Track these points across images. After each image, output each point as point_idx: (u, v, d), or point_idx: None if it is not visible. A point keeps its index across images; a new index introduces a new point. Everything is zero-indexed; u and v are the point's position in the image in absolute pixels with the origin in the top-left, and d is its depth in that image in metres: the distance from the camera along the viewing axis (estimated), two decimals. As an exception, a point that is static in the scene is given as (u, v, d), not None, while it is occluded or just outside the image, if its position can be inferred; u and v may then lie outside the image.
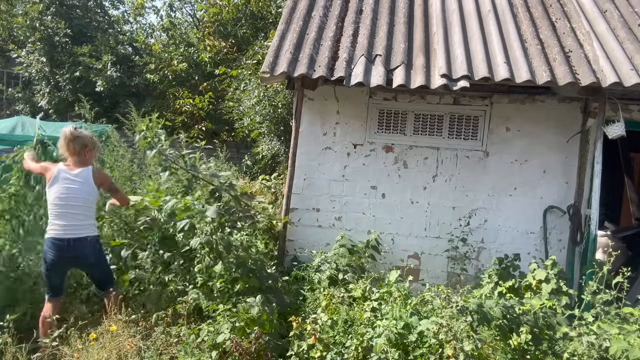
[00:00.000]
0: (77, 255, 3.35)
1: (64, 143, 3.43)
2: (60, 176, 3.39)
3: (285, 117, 7.73)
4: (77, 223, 3.36)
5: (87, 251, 3.37)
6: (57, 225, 3.34)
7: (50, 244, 3.32)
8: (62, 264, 3.39)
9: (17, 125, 6.85)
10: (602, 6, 4.84)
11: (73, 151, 3.44)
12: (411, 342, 2.84)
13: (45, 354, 3.11)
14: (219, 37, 11.31)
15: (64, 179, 3.38)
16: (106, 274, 3.56)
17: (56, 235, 3.32)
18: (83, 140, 3.45)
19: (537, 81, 4.10)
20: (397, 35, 4.80)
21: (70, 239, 3.30)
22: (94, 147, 3.54)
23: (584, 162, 4.75)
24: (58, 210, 3.35)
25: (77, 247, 3.32)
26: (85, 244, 3.35)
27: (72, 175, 3.40)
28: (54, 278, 3.42)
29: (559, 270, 3.58)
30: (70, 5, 13.05)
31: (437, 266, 4.92)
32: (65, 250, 3.30)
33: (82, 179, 3.40)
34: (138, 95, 11.75)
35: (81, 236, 3.34)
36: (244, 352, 2.87)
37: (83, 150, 3.45)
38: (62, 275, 3.49)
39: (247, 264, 3.42)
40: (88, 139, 3.49)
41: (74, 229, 3.33)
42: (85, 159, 3.48)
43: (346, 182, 5.08)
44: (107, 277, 3.55)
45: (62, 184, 3.37)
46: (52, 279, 3.42)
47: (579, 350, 2.74)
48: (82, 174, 3.41)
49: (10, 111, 12.95)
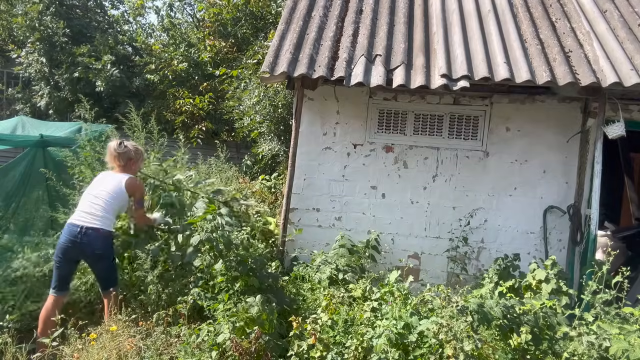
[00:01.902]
0: (87, 243, 3.42)
1: (110, 158, 3.70)
2: (103, 174, 3.74)
3: (285, 117, 7.73)
4: (96, 213, 3.48)
5: (97, 241, 3.45)
6: (79, 212, 3.52)
7: (66, 229, 3.47)
8: (71, 250, 3.45)
9: (18, 126, 6.86)
10: (602, 6, 4.84)
11: (119, 164, 3.69)
12: (411, 342, 2.84)
13: (45, 354, 3.10)
14: (219, 37, 11.31)
15: (106, 176, 3.69)
16: (110, 273, 3.59)
17: (72, 221, 3.47)
18: (127, 154, 3.68)
19: (537, 81, 4.10)
20: (397, 35, 4.80)
21: (84, 226, 3.42)
22: (138, 158, 3.79)
23: (584, 162, 4.75)
24: (87, 199, 3.56)
25: (89, 235, 3.42)
26: (98, 233, 3.44)
27: (111, 175, 3.67)
28: (63, 268, 3.48)
29: (559, 270, 3.58)
30: (70, 5, 13.04)
31: (437, 266, 4.92)
32: (77, 235, 3.40)
33: (116, 181, 3.62)
34: (138, 95, 11.74)
35: (95, 226, 3.45)
36: (244, 352, 2.86)
37: (128, 163, 3.70)
38: (71, 265, 3.55)
39: (247, 262, 3.42)
40: (132, 152, 3.71)
41: (91, 218, 3.46)
42: (130, 169, 3.72)
43: (346, 182, 5.08)
44: (110, 277, 3.58)
45: (100, 179, 3.67)
46: (61, 269, 3.47)
47: (579, 350, 2.73)
48: (119, 177, 3.64)
49: (10, 111, 12.94)
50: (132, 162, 3.71)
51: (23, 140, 5.73)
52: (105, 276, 3.56)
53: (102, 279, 3.57)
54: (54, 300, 3.44)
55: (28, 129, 6.71)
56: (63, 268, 3.49)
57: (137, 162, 3.79)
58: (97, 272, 3.60)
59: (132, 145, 3.77)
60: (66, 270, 3.51)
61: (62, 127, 6.96)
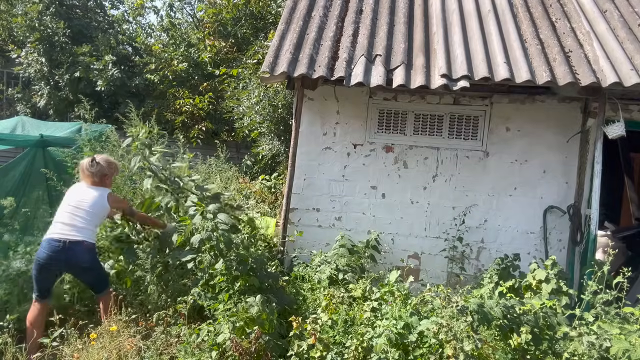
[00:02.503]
0: (71, 257, 3.33)
1: (83, 175, 3.62)
2: (77, 186, 3.63)
3: (285, 117, 7.73)
4: (77, 225, 3.38)
5: (81, 255, 3.35)
6: (59, 225, 3.39)
7: (46, 244, 3.33)
8: (53, 266, 3.36)
9: (18, 126, 6.85)
10: (602, 6, 4.84)
11: (93, 181, 3.60)
12: (411, 342, 2.84)
13: (45, 354, 3.10)
14: (219, 37, 11.31)
15: (82, 189, 3.57)
16: (100, 279, 3.54)
17: (54, 236, 3.34)
18: (101, 170, 3.61)
19: (537, 81, 4.10)
20: (397, 35, 4.80)
21: (67, 241, 3.31)
22: (112, 173, 3.74)
23: (584, 162, 4.75)
24: (66, 211, 3.45)
25: (72, 249, 3.31)
26: (81, 247, 3.34)
27: (86, 187, 3.57)
28: (42, 280, 3.39)
29: (559, 270, 3.58)
30: (70, 5, 13.03)
31: (437, 266, 4.92)
32: (60, 251, 3.29)
33: (96, 192, 3.54)
34: (138, 95, 11.73)
35: (78, 239, 3.34)
36: (244, 352, 2.86)
37: (103, 179, 3.64)
38: (51, 278, 3.46)
39: (248, 262, 3.42)
40: (105, 168, 3.64)
41: (73, 231, 3.35)
42: (105, 184, 3.66)
43: (346, 182, 5.08)
44: (101, 282, 3.53)
45: (79, 191, 3.55)
46: (40, 281, 3.38)
47: (579, 350, 2.73)
48: (98, 190, 3.56)
49: (10, 111, 12.94)
50: (106, 178, 3.65)
51: (23, 140, 5.73)
52: (96, 283, 3.52)
53: (93, 286, 3.53)
54: (40, 306, 3.38)
55: (28, 129, 6.71)
56: (43, 281, 3.40)
57: (111, 177, 3.74)
58: (86, 281, 3.56)
59: (104, 160, 3.68)
60: (47, 282, 3.43)
61: (62, 127, 6.96)
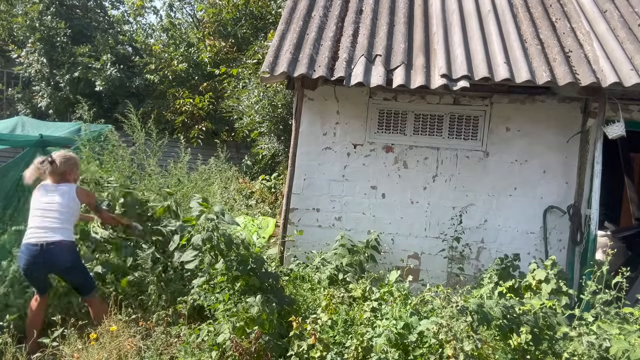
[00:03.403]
0: (50, 259, 3.30)
1: (43, 175, 3.49)
2: (42, 188, 3.51)
3: (285, 117, 7.74)
4: (52, 226, 3.35)
5: (61, 255, 3.34)
6: (33, 229, 3.36)
7: (24, 249, 3.32)
8: (35, 270, 3.35)
9: (17, 126, 6.84)
10: (602, 6, 4.84)
11: (55, 180, 3.51)
12: (411, 342, 2.84)
13: (45, 354, 3.11)
14: (219, 37, 11.31)
15: (46, 189, 3.49)
16: (86, 279, 3.51)
17: (30, 240, 3.31)
18: (60, 168, 3.49)
19: (537, 81, 4.10)
20: (397, 36, 4.80)
21: (44, 243, 3.28)
22: (72, 168, 3.59)
23: (584, 162, 4.75)
24: (37, 214, 3.40)
25: (51, 251, 3.29)
26: (60, 247, 3.32)
27: (53, 186, 3.49)
28: (33, 281, 3.45)
29: (559, 270, 3.58)
30: (70, 5, 13.04)
31: (437, 266, 4.92)
32: (39, 254, 3.27)
33: (63, 189, 3.47)
34: (138, 95, 11.74)
35: (55, 240, 3.31)
36: (244, 352, 2.87)
37: (64, 175, 3.53)
38: (40, 278, 3.46)
39: (248, 262, 3.42)
40: (63, 165, 3.51)
41: (48, 232, 3.32)
42: (68, 180, 3.55)
43: (346, 182, 5.08)
44: (87, 283, 3.50)
45: (42, 193, 3.47)
46: (32, 282, 3.46)
47: (579, 350, 2.73)
48: (63, 186, 3.49)
49: (10, 111, 12.94)
50: (67, 174, 3.54)
51: (23, 140, 5.73)
52: (81, 283, 3.49)
53: (79, 287, 3.51)
54: (40, 300, 3.43)
55: (28, 129, 6.70)
56: (34, 282, 3.44)
57: (73, 171, 3.60)
58: (71, 282, 3.52)
59: (61, 156, 3.55)
60: (37, 282, 3.44)
61: (62, 127, 6.96)
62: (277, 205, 7.08)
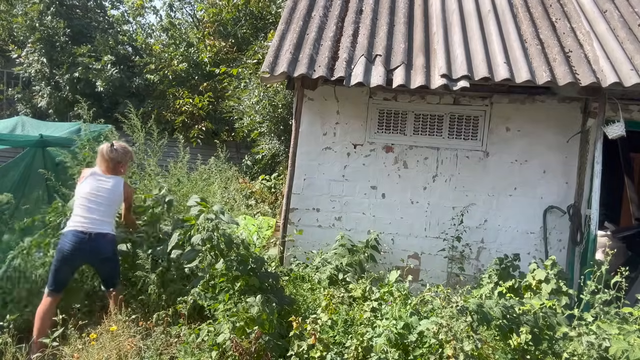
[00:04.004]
0: (95, 248, 3.46)
1: (100, 160, 3.68)
2: (91, 176, 3.63)
3: (285, 117, 7.74)
4: (100, 218, 3.51)
5: (105, 246, 3.51)
6: (80, 217, 3.49)
7: (70, 236, 3.43)
8: (78, 257, 3.48)
9: (17, 125, 6.84)
10: (602, 6, 4.84)
11: (107, 168, 3.67)
12: (411, 342, 2.84)
13: (45, 353, 3.11)
14: (219, 37, 11.31)
15: (97, 179, 3.62)
16: (116, 272, 3.66)
17: (78, 228, 3.45)
18: (118, 158, 3.69)
19: (537, 81, 4.10)
20: (397, 36, 4.80)
21: (92, 233, 3.44)
22: (127, 162, 3.81)
23: (584, 162, 4.75)
24: (85, 203, 3.52)
25: (97, 241, 3.45)
26: (105, 239, 3.50)
27: (104, 177, 3.65)
28: (63, 272, 3.48)
29: (559, 270, 3.58)
30: (70, 5, 13.04)
31: (437, 266, 4.92)
32: (86, 242, 3.42)
33: (113, 183, 3.64)
34: (138, 95, 11.74)
35: (102, 232, 3.49)
36: (244, 352, 2.87)
37: (117, 166, 3.71)
38: (73, 269, 3.58)
39: (248, 262, 3.42)
40: (122, 155, 3.72)
41: (97, 224, 3.48)
42: (119, 172, 3.73)
43: (346, 182, 5.08)
44: (115, 276, 3.64)
45: (94, 182, 3.60)
46: (61, 273, 3.47)
47: (579, 350, 2.74)
48: (113, 179, 3.66)
49: (10, 111, 12.94)
50: (120, 165, 3.73)
51: (23, 140, 5.73)
52: (111, 275, 3.62)
53: (108, 278, 3.62)
54: (52, 300, 3.44)
55: (28, 129, 6.70)
56: (65, 273, 3.49)
57: (126, 165, 3.81)
58: (104, 272, 3.64)
59: (122, 147, 3.76)
60: (67, 274, 3.53)
61: (62, 127, 6.96)
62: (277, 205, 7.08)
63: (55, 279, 3.46)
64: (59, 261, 3.45)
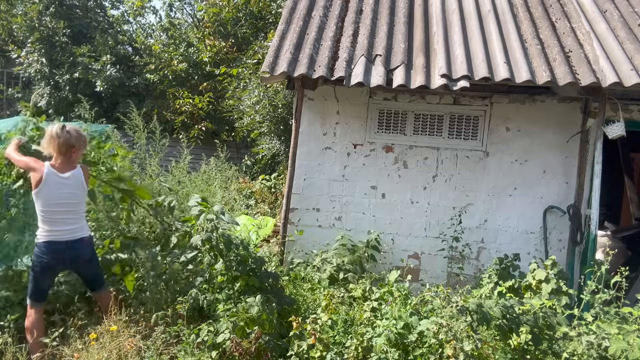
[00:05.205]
0: (76, 255, 3.32)
1: (49, 143, 3.22)
2: (49, 180, 3.19)
3: (285, 117, 7.74)
4: (74, 226, 3.30)
5: (84, 250, 3.36)
6: (52, 230, 3.25)
7: (45, 249, 3.22)
8: (58, 266, 3.36)
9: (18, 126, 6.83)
10: (602, 6, 4.84)
11: (59, 151, 3.23)
12: (411, 342, 2.85)
13: (45, 354, 3.11)
14: (219, 37, 11.32)
15: (55, 184, 3.21)
16: (99, 273, 3.53)
17: (53, 239, 3.23)
18: (70, 140, 3.23)
19: (537, 81, 4.10)
20: (397, 35, 4.80)
21: (69, 241, 3.26)
22: (80, 146, 3.33)
23: (584, 162, 4.75)
24: (52, 216, 3.23)
25: (76, 248, 3.30)
26: (83, 244, 3.34)
27: (63, 179, 3.23)
28: (45, 282, 3.33)
29: (559, 270, 3.59)
30: (70, 5, 13.03)
31: (437, 266, 4.92)
32: (64, 252, 3.26)
33: (74, 181, 3.27)
34: (138, 95, 11.74)
35: (78, 237, 3.31)
36: (244, 352, 2.87)
37: (70, 150, 3.26)
38: (53, 277, 3.44)
39: (248, 262, 3.42)
40: (75, 138, 3.26)
41: (71, 232, 3.29)
42: (72, 158, 3.30)
43: (346, 182, 5.08)
44: (99, 277, 3.52)
45: (54, 189, 3.21)
46: (43, 283, 3.32)
47: (579, 350, 2.74)
48: (72, 177, 3.27)
49: (11, 111, 12.95)
50: (74, 150, 3.27)
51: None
52: (95, 274, 3.49)
53: (93, 280, 3.49)
54: (37, 310, 3.28)
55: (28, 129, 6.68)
56: (45, 282, 3.35)
57: (79, 151, 3.34)
58: (87, 274, 3.49)
59: (75, 130, 3.31)
60: (48, 283, 3.39)
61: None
62: (277, 205, 7.08)
63: (36, 289, 3.30)
64: (37, 272, 3.26)
